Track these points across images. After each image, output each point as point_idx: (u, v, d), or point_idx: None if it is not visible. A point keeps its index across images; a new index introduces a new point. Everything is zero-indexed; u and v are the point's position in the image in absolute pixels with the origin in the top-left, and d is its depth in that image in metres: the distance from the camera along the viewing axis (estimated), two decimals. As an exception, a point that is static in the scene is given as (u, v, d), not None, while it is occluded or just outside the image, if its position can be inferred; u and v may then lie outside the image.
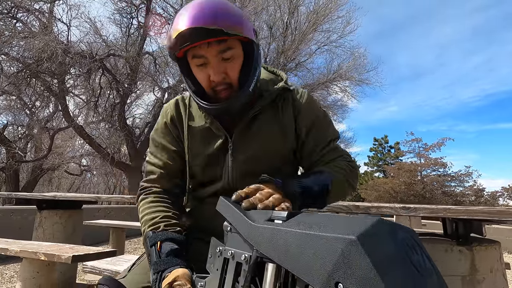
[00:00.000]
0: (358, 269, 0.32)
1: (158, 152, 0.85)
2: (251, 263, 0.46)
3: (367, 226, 0.35)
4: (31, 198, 2.47)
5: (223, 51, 0.69)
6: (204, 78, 0.72)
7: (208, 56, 0.69)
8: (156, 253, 0.67)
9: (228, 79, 0.72)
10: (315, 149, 0.81)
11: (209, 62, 0.70)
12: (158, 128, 0.87)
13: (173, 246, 0.68)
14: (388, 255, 0.33)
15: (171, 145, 0.84)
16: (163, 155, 0.84)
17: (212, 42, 0.67)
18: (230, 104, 0.72)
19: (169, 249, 0.67)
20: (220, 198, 0.59)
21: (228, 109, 0.72)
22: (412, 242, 0.39)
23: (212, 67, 0.70)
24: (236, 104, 0.72)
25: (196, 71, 0.73)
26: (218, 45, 0.68)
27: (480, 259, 1.20)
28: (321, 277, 0.34)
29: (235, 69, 0.72)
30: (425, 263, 0.38)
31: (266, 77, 0.85)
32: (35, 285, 1.58)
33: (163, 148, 0.84)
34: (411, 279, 0.32)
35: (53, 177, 14.67)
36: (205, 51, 0.69)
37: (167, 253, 0.66)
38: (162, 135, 0.85)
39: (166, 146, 0.84)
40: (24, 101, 8.67)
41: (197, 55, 0.70)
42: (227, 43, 0.69)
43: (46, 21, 7.14)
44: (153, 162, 0.85)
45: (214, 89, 0.73)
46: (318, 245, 0.36)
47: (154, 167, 0.84)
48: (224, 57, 0.70)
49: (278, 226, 0.43)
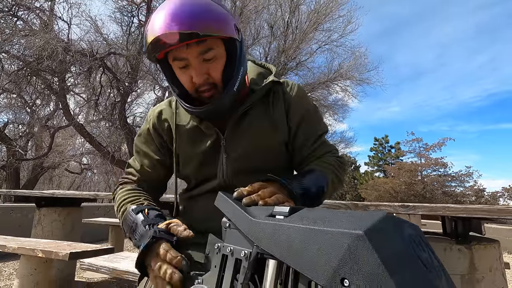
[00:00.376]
0: (365, 265, 0.30)
1: (139, 157, 0.86)
2: (251, 259, 0.45)
3: (374, 221, 0.34)
4: (30, 195, 2.47)
5: (203, 52, 0.67)
6: (186, 80, 0.71)
7: (189, 58, 0.68)
8: (144, 216, 0.67)
9: (211, 79, 0.70)
10: (305, 143, 0.80)
11: (190, 64, 0.68)
12: (141, 134, 0.87)
13: (160, 213, 0.69)
14: (397, 251, 0.32)
15: (154, 154, 0.84)
16: (144, 161, 0.85)
17: (191, 44, 0.66)
18: (215, 106, 0.70)
19: (156, 213, 0.67)
20: (219, 194, 0.58)
21: (213, 111, 0.71)
22: (419, 239, 0.37)
23: (193, 69, 0.68)
24: (221, 105, 0.71)
25: (178, 73, 0.72)
26: (198, 46, 0.66)
27: (480, 258, 1.19)
28: (326, 273, 0.33)
29: (218, 69, 0.70)
30: (432, 260, 0.36)
31: (255, 72, 0.84)
32: (33, 282, 1.58)
33: (144, 155, 0.85)
34: (420, 276, 0.31)
35: (54, 176, 14.69)
36: (185, 53, 0.67)
37: (155, 215, 0.67)
38: (144, 142, 0.86)
39: (148, 153, 0.85)
40: (25, 99, 8.67)
41: (177, 58, 0.68)
42: (207, 43, 0.67)
43: (47, 19, 7.14)
44: (133, 165, 0.86)
45: (197, 90, 0.72)
46: (323, 241, 0.35)
47: (134, 171, 0.86)
48: (205, 58, 0.68)
49: (280, 222, 0.42)
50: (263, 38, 9.59)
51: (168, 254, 0.56)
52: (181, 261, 0.55)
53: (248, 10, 8.38)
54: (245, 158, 0.77)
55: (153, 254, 0.58)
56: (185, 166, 0.82)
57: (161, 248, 0.57)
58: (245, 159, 0.77)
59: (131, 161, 0.88)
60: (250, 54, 8.56)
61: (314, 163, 0.78)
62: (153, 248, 0.59)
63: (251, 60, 0.89)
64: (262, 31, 9.41)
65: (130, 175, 0.85)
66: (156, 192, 0.87)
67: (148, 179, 0.84)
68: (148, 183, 0.84)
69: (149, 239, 0.58)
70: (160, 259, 0.56)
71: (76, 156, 11.77)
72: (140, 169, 0.84)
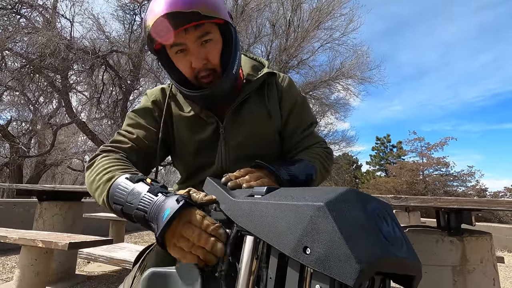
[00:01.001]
0: (324, 233, 0.33)
1: (133, 129, 0.77)
2: (231, 236, 0.47)
3: (336, 194, 0.36)
4: (32, 189, 2.50)
5: (201, 36, 0.69)
6: (185, 66, 0.72)
7: (187, 43, 0.69)
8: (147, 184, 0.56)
9: (210, 64, 0.72)
10: (296, 131, 0.84)
11: (188, 49, 0.70)
12: (139, 109, 0.82)
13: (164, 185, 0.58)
14: (355, 221, 0.34)
15: (152, 127, 0.79)
16: (140, 132, 0.77)
17: (189, 28, 0.67)
18: (215, 89, 0.72)
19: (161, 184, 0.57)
20: (207, 179, 0.61)
21: (213, 94, 0.72)
22: (384, 213, 0.40)
23: (192, 54, 0.70)
24: (221, 88, 0.72)
25: (176, 60, 0.73)
26: (195, 30, 0.68)
27: (471, 249, 1.20)
28: (291, 243, 0.35)
29: (216, 53, 0.72)
30: (395, 233, 0.39)
31: (249, 64, 0.87)
32: (33, 272, 1.61)
33: (141, 126, 0.78)
34: (378, 245, 0.32)
35: (57, 173, 14.79)
36: (183, 38, 0.68)
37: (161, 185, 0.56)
38: (142, 116, 0.80)
39: (146, 126, 0.78)
40: (28, 97, 8.73)
41: (175, 43, 0.70)
42: (205, 27, 0.69)
43: (50, 16, 7.18)
44: (124, 134, 0.76)
45: (196, 76, 0.73)
46: (290, 214, 0.37)
47: (126, 139, 0.75)
48: (203, 40, 0.70)
49: (256, 200, 0.45)
50: (265, 37, 9.59)
51: (205, 220, 0.48)
52: (219, 229, 0.48)
53: (250, 8, 8.39)
54: (243, 146, 0.79)
55: (184, 222, 0.49)
56: (181, 153, 0.83)
57: (197, 214, 0.49)
58: (243, 147, 0.79)
59: (121, 131, 0.78)
60: (251, 52, 8.56)
61: (302, 153, 0.80)
62: (182, 215, 0.49)
63: (243, 54, 0.91)
64: (264, 29, 9.42)
65: (118, 143, 0.74)
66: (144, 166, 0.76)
67: (141, 150, 0.74)
68: (139, 155, 0.74)
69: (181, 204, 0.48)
70: (196, 227, 0.48)
71: (78, 153, 11.83)
72: (135, 138, 0.75)
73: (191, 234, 0.47)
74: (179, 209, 0.48)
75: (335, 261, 0.31)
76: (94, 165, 0.68)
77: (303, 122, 0.85)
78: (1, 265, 3.03)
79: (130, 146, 0.74)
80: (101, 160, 0.67)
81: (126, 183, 0.57)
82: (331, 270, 0.31)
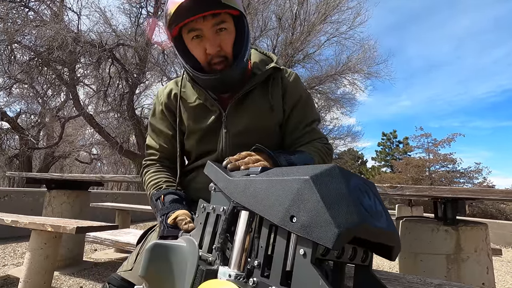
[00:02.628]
0: (308, 203, 0.36)
1: (155, 136, 0.93)
2: (228, 213, 0.51)
3: (322, 169, 0.39)
4: (41, 178, 2.58)
5: (217, 24, 0.74)
6: (200, 52, 0.77)
7: (203, 29, 0.74)
8: (161, 203, 0.77)
9: (222, 52, 0.76)
10: (298, 126, 0.87)
11: (204, 35, 0.75)
12: (155, 113, 0.94)
13: (174, 196, 0.78)
14: (337, 192, 0.37)
15: (168, 130, 0.91)
16: (160, 139, 0.92)
17: (207, 16, 0.72)
18: (226, 74, 0.76)
19: (171, 198, 0.77)
20: (207, 162, 0.64)
21: (223, 79, 0.77)
22: (367, 188, 0.43)
23: (208, 40, 0.75)
24: (231, 74, 0.77)
25: (192, 45, 0.78)
26: (213, 18, 0.73)
27: (465, 238, 1.23)
28: (280, 213, 0.38)
29: (229, 42, 0.77)
30: (376, 207, 0.42)
31: (257, 58, 0.90)
32: (43, 256, 1.68)
33: (160, 132, 0.92)
34: (356, 213, 0.35)
35: (65, 165, 15.05)
36: (201, 24, 0.73)
37: (170, 201, 0.76)
38: (159, 120, 0.93)
39: (163, 131, 0.91)
40: (37, 90, 8.87)
41: (193, 28, 0.74)
42: (221, 16, 0.74)
43: (57, 10, 7.25)
44: (152, 145, 0.93)
45: (209, 62, 0.77)
46: (280, 188, 0.41)
47: (154, 150, 0.93)
48: (219, 28, 0.74)
49: (250, 178, 0.48)
50: (271, 30, 9.53)
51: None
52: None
53: (256, 1, 8.34)
54: (243, 134, 0.83)
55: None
56: (188, 140, 0.89)
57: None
58: (243, 135, 0.83)
59: (148, 142, 0.95)
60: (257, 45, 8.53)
61: (303, 146, 0.84)
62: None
63: (254, 48, 0.95)
64: (270, 22, 9.36)
65: (151, 156, 0.93)
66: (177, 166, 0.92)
67: (168, 155, 0.91)
68: (169, 159, 0.92)
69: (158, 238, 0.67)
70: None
71: (85, 146, 12.01)
72: (159, 148, 0.91)
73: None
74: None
75: (317, 227, 0.34)
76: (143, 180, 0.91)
77: (305, 118, 0.87)
78: (13, 251, 3.15)
79: (159, 156, 0.92)
80: (144, 176, 0.90)
81: (153, 202, 0.80)
82: (313, 235, 0.34)
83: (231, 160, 0.62)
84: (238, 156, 0.64)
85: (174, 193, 0.79)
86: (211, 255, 0.53)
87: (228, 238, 0.52)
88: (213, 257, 0.52)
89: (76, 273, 2.45)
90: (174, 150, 0.90)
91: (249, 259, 0.44)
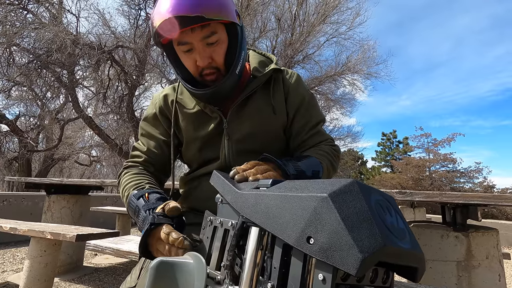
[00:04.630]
0: (328, 224, 0.33)
1: (145, 140, 0.87)
2: (237, 228, 0.48)
3: (340, 185, 0.36)
4: (40, 182, 2.55)
5: (207, 36, 0.70)
6: (191, 64, 0.74)
7: (193, 42, 0.70)
8: (144, 200, 0.68)
9: (214, 63, 0.73)
10: (304, 128, 0.83)
11: (194, 48, 0.71)
12: (148, 117, 0.89)
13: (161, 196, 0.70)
14: (358, 211, 0.34)
15: (161, 135, 0.86)
16: (150, 143, 0.86)
17: (195, 28, 0.68)
18: (218, 88, 0.73)
19: (157, 196, 0.69)
20: (213, 172, 0.61)
21: (216, 93, 0.74)
22: (387, 204, 0.40)
23: (198, 53, 0.71)
24: (224, 87, 0.73)
25: (182, 57, 0.74)
26: (202, 30, 0.69)
27: (477, 245, 1.19)
28: (295, 233, 0.35)
29: (221, 53, 0.73)
30: (398, 224, 0.39)
31: (257, 60, 0.87)
32: (42, 264, 1.65)
33: (151, 137, 0.87)
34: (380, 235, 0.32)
35: (64, 167, 15.01)
36: (189, 37, 0.70)
37: (156, 198, 0.68)
38: (151, 125, 0.87)
39: (155, 135, 0.86)
40: (36, 92, 8.83)
41: (182, 42, 0.71)
42: (210, 27, 0.70)
43: (56, 12, 7.23)
44: (139, 148, 0.87)
45: (201, 73, 0.74)
46: (294, 205, 0.38)
47: (140, 153, 0.86)
48: (208, 42, 0.71)
49: (261, 192, 0.45)
50: (270, 31, 9.51)
51: (170, 236, 0.56)
52: (183, 242, 0.55)
53: (255, 2, 8.32)
54: (246, 140, 0.80)
55: (156, 239, 0.59)
56: (188, 148, 0.85)
57: (162, 232, 0.58)
58: (246, 141, 0.80)
59: (136, 144, 0.89)
60: (256, 46, 8.51)
61: (310, 150, 0.81)
62: (154, 233, 0.60)
63: (252, 49, 0.92)
64: (269, 23, 9.34)
65: (135, 158, 0.86)
66: (161, 174, 0.88)
67: (154, 160, 0.85)
68: (154, 165, 0.85)
69: (148, 226, 0.59)
70: (164, 242, 0.57)
71: (85, 148, 11.97)
72: (146, 151, 0.85)
73: (163, 249, 0.58)
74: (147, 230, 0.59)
75: (337, 251, 0.31)
76: (120, 182, 0.82)
77: (310, 120, 0.84)
78: (12, 257, 3.11)
79: (144, 159, 0.85)
80: (123, 177, 0.81)
81: (133, 201, 0.70)
82: (334, 259, 0.31)
83: (238, 170, 0.59)
84: (245, 166, 0.61)
85: (160, 193, 0.71)
86: (219, 272, 0.50)
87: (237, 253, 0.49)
88: (222, 276, 0.49)
89: (76, 279, 2.42)
90: (163, 157, 0.85)
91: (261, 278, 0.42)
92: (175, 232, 0.58)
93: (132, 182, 0.76)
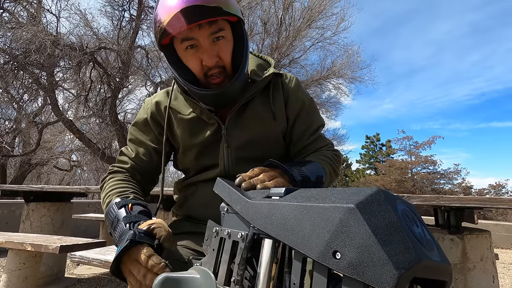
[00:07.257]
0: (356, 237, 0.31)
1: (133, 146, 0.83)
2: (247, 240, 0.45)
3: (366, 195, 0.34)
4: (18, 190, 2.41)
5: (215, 33, 0.66)
6: (196, 63, 0.69)
7: (199, 39, 0.66)
8: (126, 211, 0.62)
9: (221, 62, 0.69)
10: (305, 133, 0.82)
11: (200, 45, 0.67)
12: (138, 122, 0.84)
13: (144, 209, 0.64)
14: (388, 223, 0.32)
15: (151, 142, 0.82)
16: (139, 150, 0.82)
17: (203, 24, 0.64)
18: (228, 88, 0.69)
19: (140, 209, 0.63)
20: (217, 179, 0.58)
21: (224, 94, 0.70)
22: (412, 214, 0.38)
23: (205, 51, 0.67)
24: (233, 88, 0.70)
25: (186, 56, 0.70)
26: (210, 27, 0.65)
27: (471, 247, 1.21)
28: (319, 247, 0.33)
29: (228, 51, 0.70)
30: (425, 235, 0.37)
31: (255, 63, 0.84)
32: (21, 277, 1.54)
33: (140, 143, 0.82)
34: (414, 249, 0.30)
35: (42, 173, 14.41)
36: (196, 33, 0.65)
37: (139, 211, 0.62)
38: (141, 130, 0.83)
39: (145, 142, 0.82)
40: (12, 95, 8.45)
41: (188, 37, 0.66)
42: (218, 24, 0.66)
43: (34, 11, 6.95)
44: (126, 153, 0.82)
45: (206, 74, 0.70)
46: (316, 216, 0.35)
47: (127, 158, 0.81)
48: (216, 37, 0.67)
49: (275, 201, 0.42)
50: (257, 35, 9.55)
51: (150, 260, 0.51)
52: (165, 269, 0.51)
53: (241, 6, 8.34)
54: (245, 148, 0.77)
55: (132, 259, 0.53)
56: (184, 156, 0.81)
57: (142, 253, 0.52)
58: (246, 149, 0.77)
59: (124, 149, 0.84)
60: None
61: (311, 155, 0.79)
62: (132, 252, 0.53)
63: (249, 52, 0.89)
64: (256, 27, 9.38)
65: (122, 163, 0.81)
66: (148, 183, 0.84)
67: (142, 168, 0.81)
68: (141, 173, 0.81)
69: (127, 243, 0.52)
70: (142, 266, 0.52)
71: (65, 152, 11.53)
72: (134, 157, 0.81)
73: (138, 272, 0.52)
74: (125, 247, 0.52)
75: (370, 267, 0.29)
76: (103, 186, 0.76)
77: (311, 124, 0.83)
78: (-15, 269, 2.91)
79: (131, 166, 0.80)
80: (108, 182, 0.76)
81: (113, 209, 0.64)
82: (366, 276, 0.29)
83: (244, 177, 0.56)
84: (251, 173, 0.58)
85: (144, 205, 0.66)
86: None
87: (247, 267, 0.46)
88: (232, 292, 0.46)
89: (57, 292, 2.29)
90: (151, 165, 0.82)
91: None
92: (156, 256, 0.52)
93: (116, 189, 0.72)
